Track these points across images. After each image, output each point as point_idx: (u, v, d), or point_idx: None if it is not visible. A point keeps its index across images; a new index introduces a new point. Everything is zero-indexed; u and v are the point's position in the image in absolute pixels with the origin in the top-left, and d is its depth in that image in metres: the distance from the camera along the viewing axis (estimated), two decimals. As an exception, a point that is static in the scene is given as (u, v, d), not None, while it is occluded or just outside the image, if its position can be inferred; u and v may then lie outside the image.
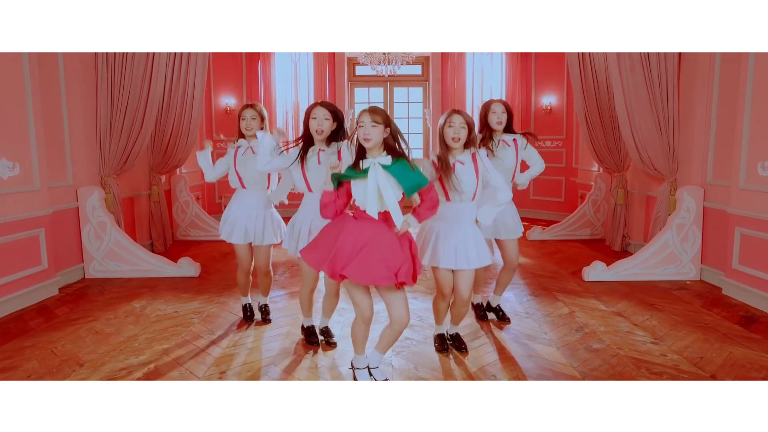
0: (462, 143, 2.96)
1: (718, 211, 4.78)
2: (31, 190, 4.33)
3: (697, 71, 5.01)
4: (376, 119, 2.53)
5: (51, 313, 4.14)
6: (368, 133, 2.52)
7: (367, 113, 2.55)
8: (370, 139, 2.53)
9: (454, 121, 2.99)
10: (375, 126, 2.53)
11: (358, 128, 2.56)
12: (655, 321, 3.91)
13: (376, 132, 2.53)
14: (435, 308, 3.38)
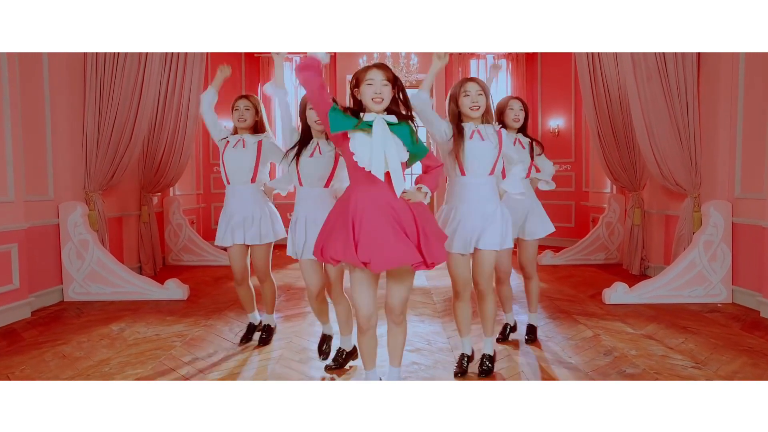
0: (481, 112, 2.63)
1: (750, 227, 4.39)
2: (3, 201, 3.97)
3: (719, 77, 4.71)
4: (388, 76, 2.18)
5: (17, 336, 3.72)
6: (380, 92, 2.16)
7: (378, 69, 2.19)
8: (382, 100, 2.16)
9: (470, 90, 2.69)
10: (386, 85, 2.18)
11: (364, 86, 2.17)
12: (692, 344, 3.47)
13: (387, 91, 2.18)
14: (454, 314, 2.96)
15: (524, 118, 3.42)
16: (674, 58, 4.84)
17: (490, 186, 2.72)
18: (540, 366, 3.12)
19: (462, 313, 2.90)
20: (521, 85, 8.71)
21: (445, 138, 2.70)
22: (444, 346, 3.47)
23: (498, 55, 8.75)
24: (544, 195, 8.88)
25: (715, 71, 4.77)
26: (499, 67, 3.63)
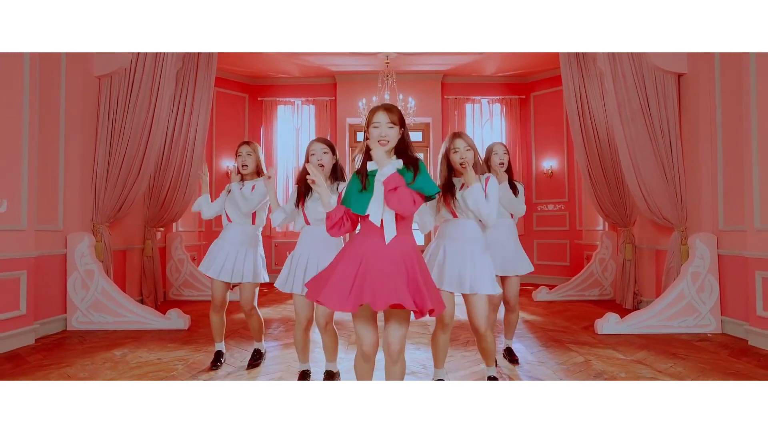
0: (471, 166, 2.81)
1: (735, 258, 4.55)
2: (16, 230, 4.14)
3: (698, 116, 4.99)
4: (393, 119, 2.24)
5: (22, 359, 3.81)
6: (385, 134, 2.23)
7: (384, 112, 2.25)
8: (388, 141, 2.23)
9: (458, 146, 2.87)
10: (392, 127, 2.24)
11: (370, 129, 2.25)
12: (680, 368, 3.58)
13: (393, 133, 2.24)
14: (434, 345, 3.06)
15: (508, 161, 3.63)
16: (656, 98, 5.14)
17: (476, 227, 2.88)
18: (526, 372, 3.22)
19: (443, 345, 3.01)
20: (515, 128, 9.05)
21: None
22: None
23: (492, 100, 9.13)
24: (540, 235, 9.10)
25: (694, 110, 5.05)
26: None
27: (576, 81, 6.18)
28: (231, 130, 8.88)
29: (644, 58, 5.13)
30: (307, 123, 9.15)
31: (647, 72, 5.16)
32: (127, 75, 5.23)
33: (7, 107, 4.05)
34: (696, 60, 5.01)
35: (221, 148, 8.72)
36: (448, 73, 8.94)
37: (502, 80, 9.09)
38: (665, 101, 5.16)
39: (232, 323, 5.08)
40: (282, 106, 9.18)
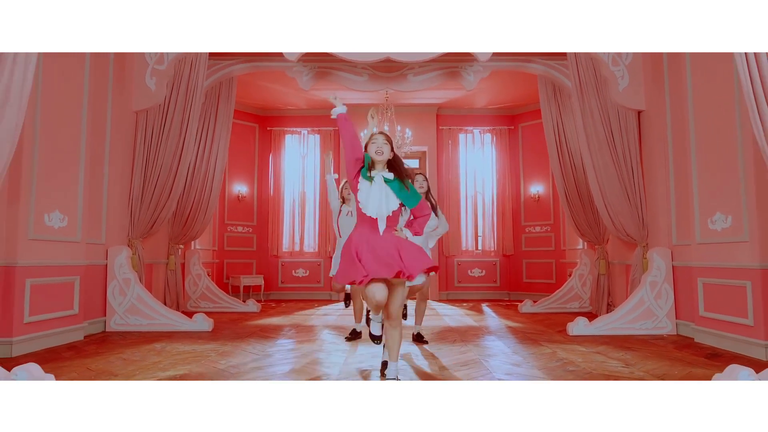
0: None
1: (685, 268, 5.39)
2: (73, 241, 4.99)
3: (654, 147, 5.89)
4: (387, 139, 3.17)
5: (80, 349, 4.61)
6: (381, 148, 3.11)
7: (380, 134, 3.18)
8: (383, 152, 3.11)
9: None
10: (386, 144, 3.14)
11: (371, 144, 3.13)
12: (629, 356, 4.39)
13: (387, 148, 3.14)
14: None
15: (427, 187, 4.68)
16: (620, 131, 6.06)
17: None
18: (502, 357, 4.02)
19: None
20: (504, 155, 9.97)
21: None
22: (428, 357, 4.37)
23: (483, 130, 10.08)
24: (528, 254, 9.97)
25: (651, 142, 5.96)
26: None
27: (554, 115, 7.11)
28: (243, 157, 9.79)
29: (609, 97, 6.06)
30: (312, 151, 10.07)
31: (611, 109, 6.09)
32: (161, 110, 6.14)
33: (69, 137, 4.93)
34: (652, 98, 5.94)
35: (234, 173, 9.61)
36: (443, 106, 9.90)
37: (492, 112, 10.05)
38: (627, 134, 6.07)
39: (247, 328, 5.88)
40: (289, 135, 10.12)
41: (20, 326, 4.33)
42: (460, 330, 5.93)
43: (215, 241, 9.14)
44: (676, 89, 5.52)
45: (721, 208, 4.71)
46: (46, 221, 4.64)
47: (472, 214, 10.07)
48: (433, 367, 3.99)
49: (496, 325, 6.40)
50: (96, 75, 5.39)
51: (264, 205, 10.01)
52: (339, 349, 4.78)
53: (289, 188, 10.08)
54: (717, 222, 4.75)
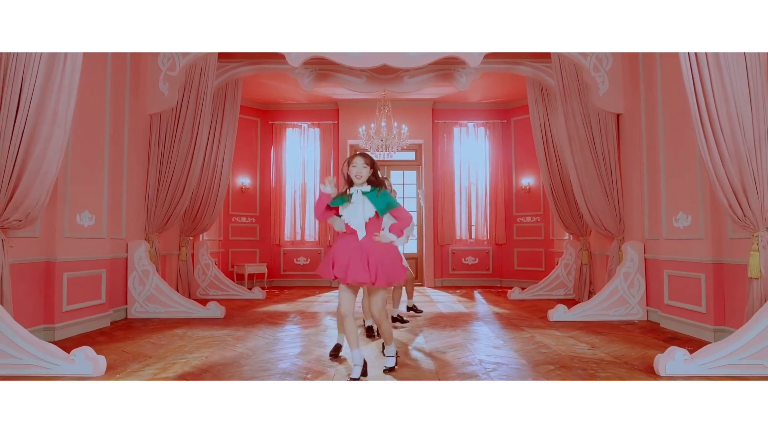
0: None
1: (655, 261, 6.06)
2: (99, 237, 5.64)
3: (630, 150, 6.53)
4: (366, 162, 3.65)
5: (111, 335, 5.30)
6: (360, 173, 3.61)
7: (360, 157, 3.66)
8: (361, 177, 3.61)
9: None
10: (365, 167, 3.65)
11: (351, 167, 3.62)
12: (597, 339, 5.08)
13: (366, 171, 3.63)
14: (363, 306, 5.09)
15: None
16: (600, 133, 6.69)
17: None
18: (486, 341, 4.70)
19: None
20: (497, 148, 10.59)
21: None
22: (419, 338, 5.06)
23: (477, 124, 10.69)
24: (519, 243, 10.67)
25: (628, 143, 6.59)
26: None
27: (541, 115, 7.73)
28: (246, 150, 10.40)
29: (590, 101, 6.68)
30: (312, 144, 10.68)
31: (592, 112, 6.71)
32: (173, 113, 6.75)
33: (95, 142, 5.55)
34: (629, 102, 6.55)
35: (237, 166, 10.23)
36: (438, 100, 10.49)
37: (485, 107, 10.65)
38: (607, 136, 6.70)
39: (256, 314, 6.57)
40: (290, 128, 10.72)
41: (60, 314, 5.00)
42: (451, 316, 6.62)
43: (221, 231, 9.79)
44: (649, 94, 6.13)
45: (683, 208, 5.36)
46: (78, 221, 5.28)
47: (466, 204, 10.72)
48: (422, 350, 4.68)
49: (485, 311, 7.10)
50: (115, 81, 5.97)
51: (266, 196, 10.65)
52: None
53: (290, 180, 10.70)
54: (680, 220, 5.41)
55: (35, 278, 4.85)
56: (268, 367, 4.04)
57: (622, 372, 3.86)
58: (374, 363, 4.08)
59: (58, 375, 3.69)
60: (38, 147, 4.07)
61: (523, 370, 3.98)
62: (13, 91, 4.04)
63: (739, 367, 3.72)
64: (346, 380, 3.66)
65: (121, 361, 4.16)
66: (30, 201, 4.11)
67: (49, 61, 4.07)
